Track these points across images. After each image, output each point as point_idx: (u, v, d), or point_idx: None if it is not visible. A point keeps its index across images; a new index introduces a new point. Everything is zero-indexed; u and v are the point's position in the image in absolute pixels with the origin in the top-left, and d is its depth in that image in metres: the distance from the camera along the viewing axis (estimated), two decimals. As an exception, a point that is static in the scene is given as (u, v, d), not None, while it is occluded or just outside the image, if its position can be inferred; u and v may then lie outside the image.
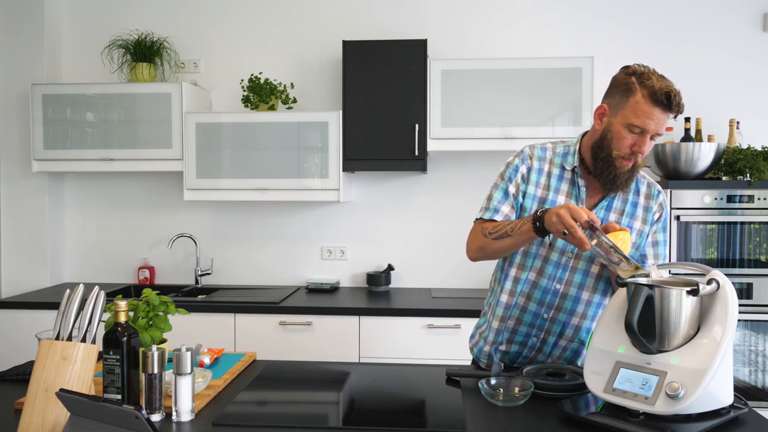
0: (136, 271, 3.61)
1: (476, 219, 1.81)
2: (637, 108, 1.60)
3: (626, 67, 1.71)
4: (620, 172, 1.64)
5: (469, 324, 2.78)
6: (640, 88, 1.61)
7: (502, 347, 1.86)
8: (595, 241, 1.49)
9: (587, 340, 1.78)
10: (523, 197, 1.76)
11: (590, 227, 1.48)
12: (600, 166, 1.67)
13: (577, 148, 1.77)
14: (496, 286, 1.87)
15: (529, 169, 1.77)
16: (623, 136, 1.63)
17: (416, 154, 3.12)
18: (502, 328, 1.83)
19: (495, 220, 1.75)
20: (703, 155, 2.93)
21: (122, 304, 1.47)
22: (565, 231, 1.49)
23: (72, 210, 3.65)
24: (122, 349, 1.42)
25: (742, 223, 2.85)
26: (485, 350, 1.89)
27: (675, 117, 1.62)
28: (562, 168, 1.76)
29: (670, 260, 2.84)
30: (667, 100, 1.57)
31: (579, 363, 1.83)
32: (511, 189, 1.77)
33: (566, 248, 1.72)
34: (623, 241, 1.51)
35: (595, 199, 1.74)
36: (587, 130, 1.81)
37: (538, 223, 1.57)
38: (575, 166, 1.74)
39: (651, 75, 1.62)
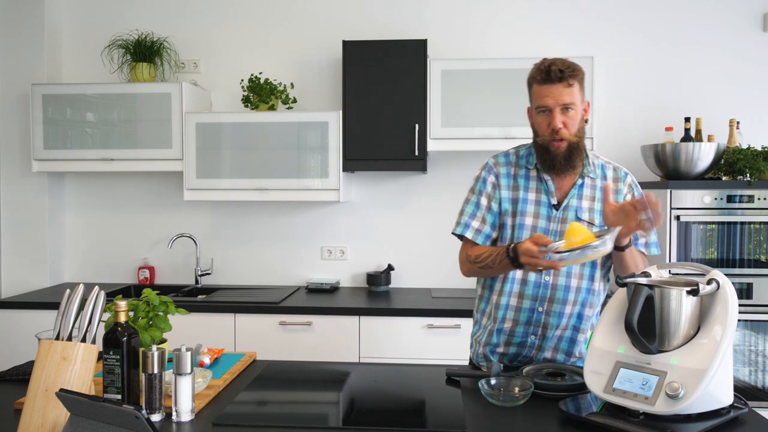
0: (136, 271, 3.61)
1: (452, 233, 1.91)
2: (535, 93, 1.76)
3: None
4: (556, 154, 1.74)
5: (469, 324, 2.78)
6: (532, 77, 1.77)
7: (500, 349, 1.86)
8: (559, 257, 1.53)
9: (580, 325, 1.80)
10: (500, 203, 1.85)
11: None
12: (542, 158, 1.78)
13: (536, 155, 1.84)
14: (485, 292, 1.90)
15: (497, 176, 1.87)
16: (539, 121, 1.77)
17: (416, 154, 3.12)
18: (498, 330, 1.84)
19: (476, 243, 1.85)
20: (703, 155, 2.93)
21: (122, 304, 1.47)
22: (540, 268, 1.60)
23: (72, 210, 3.65)
24: (122, 349, 1.42)
25: (742, 223, 2.85)
26: (482, 353, 1.90)
27: (570, 84, 1.70)
28: (527, 168, 1.85)
29: (670, 259, 2.84)
30: (547, 73, 1.70)
31: (576, 352, 1.83)
32: (483, 201, 1.86)
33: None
34: (577, 232, 1.54)
35: (564, 189, 1.81)
36: None
37: (514, 262, 1.67)
38: (536, 164, 1.82)
39: (538, 63, 1.76)
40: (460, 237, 1.89)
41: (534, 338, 1.82)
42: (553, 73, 1.69)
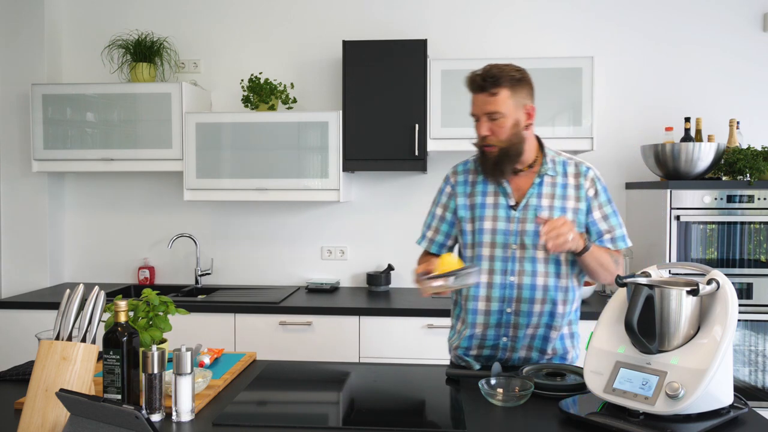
0: (136, 271, 3.61)
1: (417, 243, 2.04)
2: (470, 100, 1.80)
3: None
4: (487, 159, 1.79)
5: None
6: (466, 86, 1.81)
7: (473, 352, 1.88)
8: (431, 286, 1.61)
9: (552, 322, 1.81)
10: (456, 211, 1.90)
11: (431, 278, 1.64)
12: (479, 160, 1.85)
13: None
14: (458, 297, 1.93)
15: (453, 186, 1.93)
16: (475, 127, 1.82)
17: (416, 154, 3.12)
18: (471, 334, 1.86)
19: (429, 252, 1.99)
20: (703, 155, 2.93)
21: (122, 304, 1.47)
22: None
23: (72, 210, 3.65)
24: (122, 349, 1.42)
25: (742, 223, 2.85)
26: (457, 356, 1.92)
27: (494, 93, 1.73)
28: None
29: (670, 259, 2.84)
30: (473, 83, 1.77)
31: (549, 349, 1.84)
32: (438, 211, 1.96)
33: (508, 241, 1.79)
34: (446, 264, 1.63)
35: (523, 190, 1.83)
36: None
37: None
38: None
39: (469, 74, 1.80)
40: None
41: (506, 339, 1.84)
42: (476, 83, 1.75)
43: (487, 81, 1.73)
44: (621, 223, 1.85)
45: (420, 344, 2.91)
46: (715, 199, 2.86)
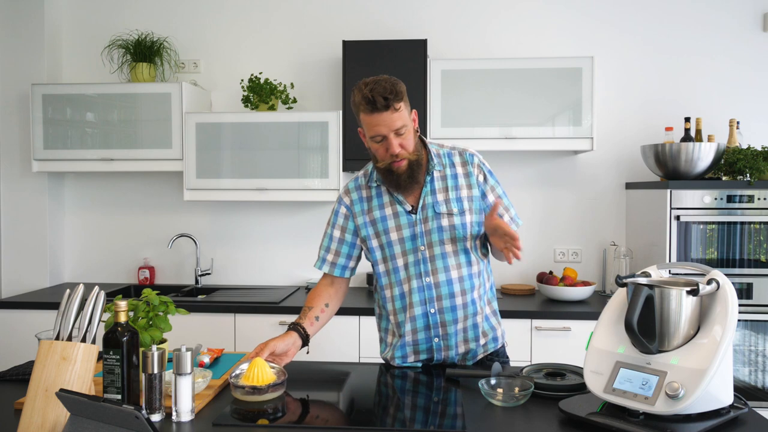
0: (136, 271, 3.61)
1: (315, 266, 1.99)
2: (365, 122, 1.74)
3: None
4: (399, 173, 1.76)
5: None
6: (357, 107, 1.74)
7: (411, 359, 1.90)
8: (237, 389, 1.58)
9: (476, 309, 1.84)
10: (359, 230, 1.90)
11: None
12: (386, 180, 1.80)
13: (381, 178, 1.86)
14: (382, 311, 1.94)
15: (348, 206, 1.91)
16: (376, 148, 1.76)
17: (416, 154, 3.11)
18: (402, 343, 1.87)
19: (333, 275, 1.94)
20: (703, 155, 2.93)
21: (122, 304, 1.47)
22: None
23: (72, 210, 3.65)
24: (122, 349, 1.42)
25: (742, 223, 2.85)
26: (398, 364, 1.91)
27: (397, 108, 1.69)
28: (377, 186, 1.88)
29: (670, 259, 2.84)
30: (373, 104, 1.68)
31: (480, 333, 1.86)
32: (336, 233, 1.93)
33: (416, 245, 1.82)
34: (258, 368, 1.59)
35: (416, 194, 1.85)
36: None
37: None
38: (377, 180, 1.86)
39: (357, 89, 1.73)
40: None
41: (438, 340, 1.85)
42: (378, 103, 1.67)
43: (390, 98, 1.68)
44: (511, 203, 1.93)
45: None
46: (715, 199, 2.86)
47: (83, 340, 1.39)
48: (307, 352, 1.88)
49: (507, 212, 1.89)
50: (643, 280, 1.44)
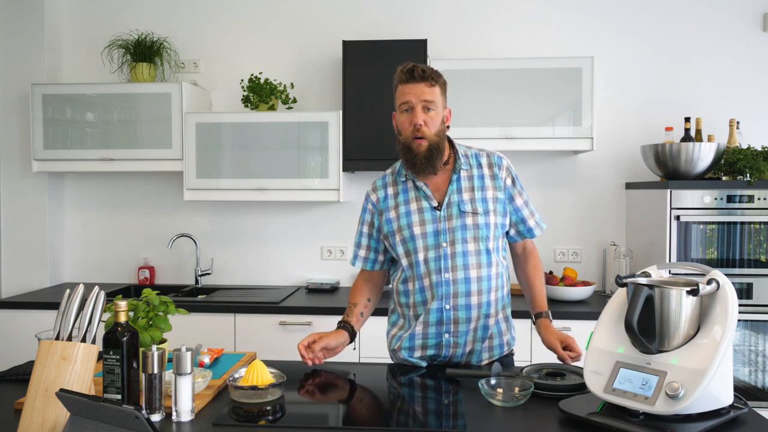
0: (136, 271, 3.61)
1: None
2: (398, 92, 1.84)
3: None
4: (417, 153, 1.82)
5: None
6: (395, 80, 1.86)
7: (418, 353, 1.91)
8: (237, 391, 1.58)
9: (489, 311, 1.86)
10: (381, 228, 1.95)
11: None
12: (405, 158, 1.86)
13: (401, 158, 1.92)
14: (396, 307, 1.98)
15: (375, 204, 1.96)
16: (401, 120, 1.85)
17: (416, 154, 3.11)
18: (412, 333, 1.89)
19: (366, 269, 2.02)
20: (703, 155, 2.93)
21: (122, 304, 1.47)
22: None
23: (72, 210, 3.65)
24: (122, 349, 1.42)
25: (742, 223, 2.85)
26: (401, 358, 1.94)
27: (432, 84, 1.80)
28: (403, 182, 1.93)
29: (670, 259, 2.84)
30: (411, 72, 1.80)
31: (487, 335, 1.88)
32: (365, 229, 1.99)
33: (438, 241, 1.84)
34: (257, 369, 1.60)
35: (443, 190, 1.89)
36: None
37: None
38: (407, 175, 1.91)
39: (400, 68, 1.85)
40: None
41: (448, 336, 1.87)
42: (416, 72, 1.79)
43: (427, 72, 1.80)
44: (535, 208, 2.01)
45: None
46: (715, 199, 2.86)
47: (83, 340, 1.39)
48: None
49: (533, 216, 1.96)
50: (643, 280, 1.44)
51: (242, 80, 3.44)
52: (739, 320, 2.81)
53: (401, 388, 1.74)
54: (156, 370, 1.41)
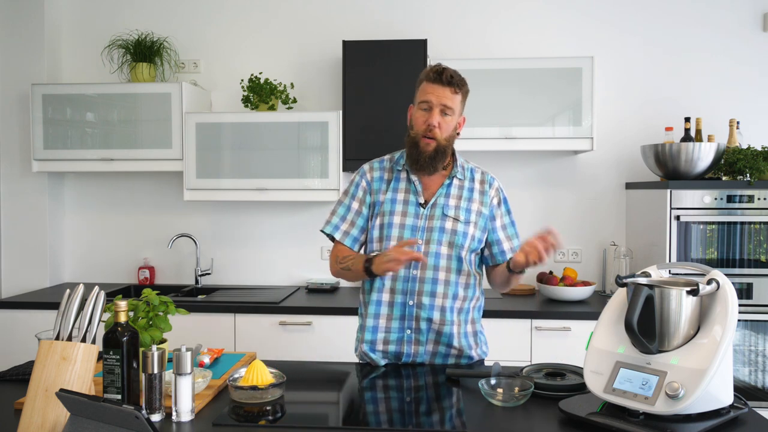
0: (136, 271, 3.61)
1: (321, 230, 2.01)
2: (422, 89, 1.87)
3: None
4: (424, 151, 1.85)
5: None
6: (422, 76, 1.88)
7: (380, 347, 1.91)
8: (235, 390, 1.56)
9: (456, 318, 1.87)
10: (374, 206, 1.94)
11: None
12: (409, 152, 1.89)
13: (406, 151, 1.94)
14: (365, 296, 1.96)
15: (369, 182, 1.97)
16: (417, 116, 1.87)
17: (416, 154, 3.11)
18: (375, 326, 1.90)
19: (343, 244, 1.95)
20: (703, 155, 2.93)
21: (122, 304, 1.47)
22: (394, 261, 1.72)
23: (72, 210, 3.65)
24: (122, 349, 1.42)
25: (742, 223, 2.85)
26: (363, 351, 1.93)
27: (456, 92, 1.83)
28: (398, 171, 1.96)
29: (670, 259, 2.84)
30: (439, 75, 1.82)
31: (454, 344, 1.88)
32: (354, 205, 1.97)
33: (414, 236, 1.86)
34: (257, 369, 1.59)
35: (432, 189, 1.93)
36: None
37: (367, 271, 1.81)
38: (404, 165, 1.94)
39: (431, 66, 1.87)
40: (330, 237, 1.98)
41: (410, 332, 1.88)
42: (444, 75, 1.82)
43: (455, 78, 1.82)
44: (517, 233, 2.00)
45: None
46: (715, 199, 2.86)
47: (83, 340, 1.39)
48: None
49: (509, 241, 1.96)
50: (643, 280, 1.44)
51: (242, 80, 3.44)
52: (739, 320, 2.80)
53: (401, 389, 1.74)
54: (156, 370, 1.41)
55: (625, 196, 3.42)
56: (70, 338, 1.39)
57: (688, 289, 1.36)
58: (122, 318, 1.45)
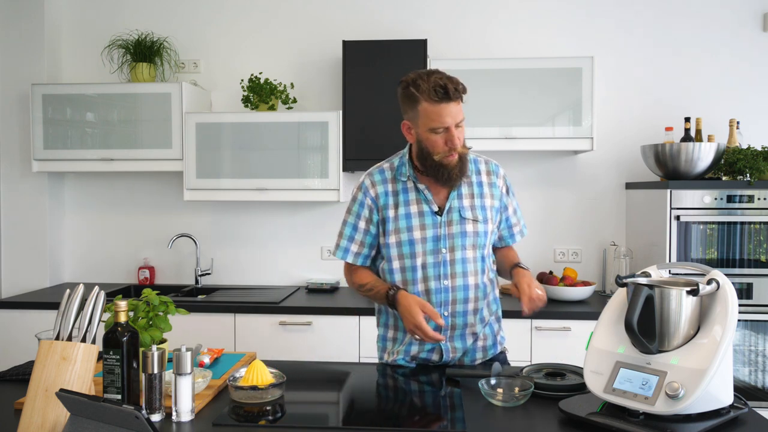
0: (136, 271, 3.61)
1: (333, 254, 1.97)
2: (428, 113, 1.71)
3: (401, 82, 1.79)
4: (450, 168, 1.76)
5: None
6: (419, 95, 1.71)
7: (414, 354, 1.90)
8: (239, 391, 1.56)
9: (483, 316, 1.87)
10: (383, 223, 1.87)
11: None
12: (433, 173, 1.79)
13: (407, 158, 1.88)
14: (385, 310, 1.93)
15: (374, 199, 1.88)
16: (433, 140, 1.74)
17: (416, 154, 3.11)
18: (411, 342, 1.88)
19: (357, 265, 1.93)
20: (703, 155, 2.93)
21: (122, 304, 1.47)
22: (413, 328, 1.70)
23: (72, 210, 3.65)
24: (122, 349, 1.42)
25: (742, 223, 2.85)
26: (398, 361, 1.91)
27: (462, 99, 1.74)
28: (403, 181, 1.87)
29: (670, 259, 2.84)
30: (445, 92, 1.68)
31: (480, 335, 1.88)
32: (361, 224, 1.90)
33: (438, 247, 1.82)
34: (257, 369, 1.59)
35: (443, 194, 1.86)
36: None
37: (391, 305, 1.79)
38: (409, 175, 1.86)
39: (420, 79, 1.72)
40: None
41: (446, 342, 1.86)
42: (450, 91, 1.68)
43: (459, 88, 1.71)
44: (522, 215, 2.02)
45: (420, 344, 2.91)
46: (715, 199, 2.86)
47: (83, 340, 1.39)
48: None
49: (518, 224, 1.98)
50: (643, 280, 1.44)
51: (242, 80, 3.44)
52: (739, 320, 2.80)
53: (401, 389, 1.74)
54: (156, 370, 1.41)
55: (625, 196, 3.42)
56: (70, 338, 1.39)
57: (688, 289, 1.36)
58: (122, 318, 1.45)
